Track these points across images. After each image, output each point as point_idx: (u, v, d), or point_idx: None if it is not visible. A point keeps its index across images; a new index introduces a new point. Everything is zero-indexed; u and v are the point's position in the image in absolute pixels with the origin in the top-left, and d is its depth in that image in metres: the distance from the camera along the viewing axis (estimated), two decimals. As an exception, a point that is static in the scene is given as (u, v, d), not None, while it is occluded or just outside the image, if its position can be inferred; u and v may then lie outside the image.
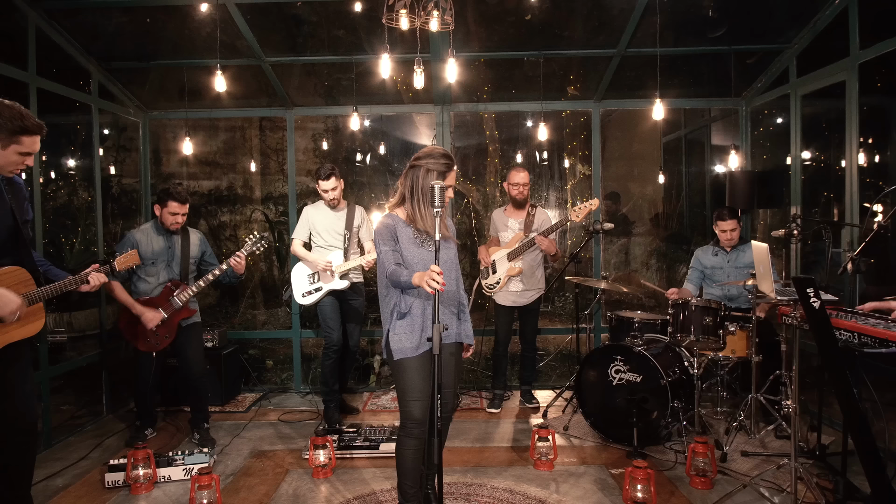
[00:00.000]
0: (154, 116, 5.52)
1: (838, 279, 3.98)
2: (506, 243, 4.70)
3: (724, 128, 6.21)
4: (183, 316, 4.05)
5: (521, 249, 4.55)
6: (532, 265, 4.65)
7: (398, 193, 2.78)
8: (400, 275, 2.58)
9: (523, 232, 4.62)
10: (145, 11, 4.46)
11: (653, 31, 4.42)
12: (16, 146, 2.59)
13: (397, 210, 2.79)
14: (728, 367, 4.34)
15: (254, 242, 4.10)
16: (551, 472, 3.59)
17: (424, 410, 2.68)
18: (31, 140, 2.63)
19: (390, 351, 2.69)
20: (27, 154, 2.65)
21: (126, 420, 4.65)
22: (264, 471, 3.70)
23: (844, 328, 2.52)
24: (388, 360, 2.74)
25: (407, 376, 2.68)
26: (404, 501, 2.76)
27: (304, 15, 4.63)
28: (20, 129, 2.58)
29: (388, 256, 2.67)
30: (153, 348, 4.00)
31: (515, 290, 4.65)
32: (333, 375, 4.45)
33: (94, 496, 3.39)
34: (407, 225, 2.73)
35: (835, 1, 4.16)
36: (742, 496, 3.20)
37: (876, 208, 3.68)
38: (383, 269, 2.68)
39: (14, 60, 3.94)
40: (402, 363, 2.68)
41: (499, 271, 4.65)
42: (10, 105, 2.58)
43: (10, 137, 2.57)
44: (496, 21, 4.65)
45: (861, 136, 4.09)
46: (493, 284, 4.68)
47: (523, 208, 4.71)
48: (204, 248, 4.26)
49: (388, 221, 2.74)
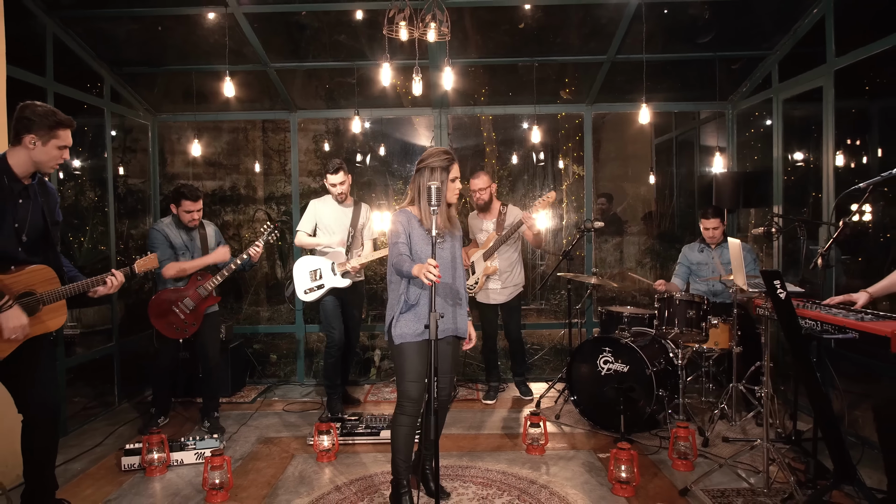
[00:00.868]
0: (163, 119, 5.73)
1: (818, 274, 4.19)
2: (482, 244, 4.91)
3: (715, 130, 6.42)
4: (209, 303, 4.27)
5: (496, 246, 4.75)
6: (508, 263, 4.84)
7: (409, 196, 3.02)
8: (403, 264, 2.82)
9: (496, 232, 4.82)
10: (156, 19, 4.68)
11: (642, 38, 4.64)
12: (55, 140, 2.81)
13: (411, 207, 3.02)
14: (712, 358, 4.55)
15: (269, 232, 4.36)
16: (542, 456, 3.80)
17: (420, 391, 2.91)
18: (66, 133, 2.85)
19: (392, 335, 2.91)
20: (64, 147, 2.86)
21: (138, 410, 4.86)
22: (271, 455, 3.91)
23: (809, 317, 2.73)
24: (389, 343, 2.95)
25: (406, 359, 2.90)
26: (397, 475, 2.97)
27: (308, 22, 4.84)
28: (56, 123, 2.80)
29: (396, 247, 2.90)
30: (180, 335, 4.21)
31: (494, 289, 4.85)
32: (336, 371, 4.65)
33: (111, 478, 3.60)
34: (419, 221, 2.97)
35: (813, 10, 4.38)
36: (719, 476, 3.42)
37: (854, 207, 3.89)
38: (392, 255, 2.91)
39: (32, 66, 4.15)
40: (402, 347, 2.90)
41: (477, 272, 4.86)
42: (40, 105, 2.80)
43: (48, 133, 2.78)
44: (492, 29, 4.86)
45: (844, 139, 4.31)
46: (472, 285, 4.88)
47: (489, 210, 4.89)
48: (219, 239, 4.48)
49: (402, 216, 2.98)
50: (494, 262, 4.79)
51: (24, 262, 2.85)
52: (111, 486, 3.50)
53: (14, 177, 2.80)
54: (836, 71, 4.18)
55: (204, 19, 4.52)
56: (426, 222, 2.91)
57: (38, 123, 2.76)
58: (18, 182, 2.82)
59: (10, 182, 2.78)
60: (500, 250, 4.80)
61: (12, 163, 2.78)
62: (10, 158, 2.78)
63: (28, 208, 2.87)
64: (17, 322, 2.73)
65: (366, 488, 3.37)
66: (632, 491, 3.25)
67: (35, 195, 2.90)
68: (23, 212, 2.85)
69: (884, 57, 3.78)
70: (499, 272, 4.81)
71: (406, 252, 2.90)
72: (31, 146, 2.77)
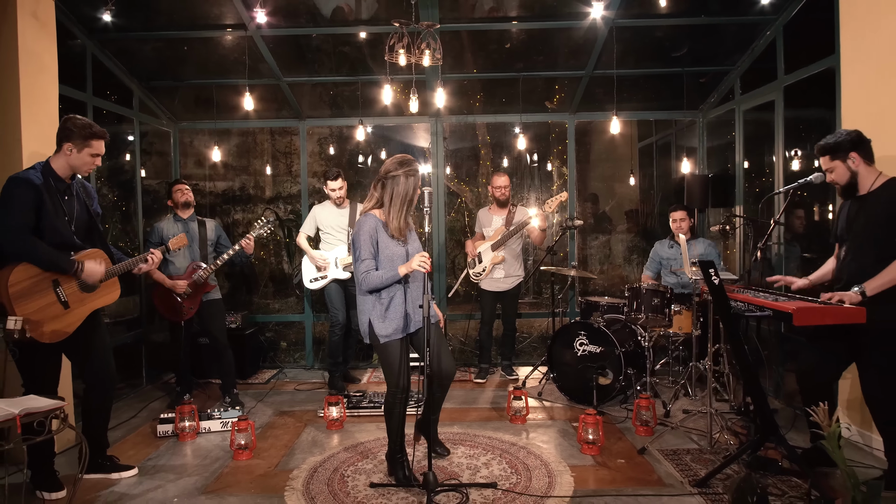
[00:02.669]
0: (183, 126, 6.28)
1: (756, 266, 4.74)
2: (490, 237, 5.47)
3: (691, 135, 6.98)
4: (205, 290, 4.80)
5: (504, 240, 5.34)
6: (513, 255, 5.42)
7: (375, 199, 3.33)
8: (383, 277, 3.20)
9: (505, 226, 5.39)
10: (182, 40, 5.23)
11: (618, 55, 5.19)
12: (88, 149, 3.32)
13: (375, 211, 3.35)
14: (678, 342, 5.10)
15: (261, 226, 4.82)
16: (524, 425, 4.36)
17: (407, 379, 3.38)
18: (98, 143, 3.35)
19: (375, 336, 3.31)
20: (96, 155, 3.38)
21: (163, 390, 5.42)
22: (286, 425, 4.46)
23: (738, 299, 3.28)
24: (373, 343, 3.37)
25: (391, 354, 3.33)
26: (394, 446, 3.46)
27: (317, 43, 5.40)
28: (90, 135, 3.30)
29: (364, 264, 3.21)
30: (181, 318, 4.74)
31: (499, 277, 5.42)
32: (339, 349, 5.27)
33: (148, 442, 4.16)
34: (384, 224, 3.33)
35: (766, 32, 4.92)
36: (674, 439, 3.98)
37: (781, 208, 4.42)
38: (359, 276, 3.22)
39: (75, 83, 4.70)
40: (387, 345, 3.33)
41: (484, 261, 5.43)
42: (80, 118, 3.34)
43: (83, 142, 3.29)
44: (482, 48, 5.44)
45: (792, 146, 4.85)
46: (480, 272, 5.45)
47: (505, 207, 5.48)
48: (219, 232, 5.00)
49: (371, 225, 3.26)
50: (501, 252, 5.36)
51: (79, 249, 3.39)
52: (149, 448, 4.05)
53: (58, 177, 3.33)
54: (786, 87, 4.73)
55: (224, 40, 5.07)
56: (391, 224, 3.29)
57: (76, 134, 3.27)
58: (62, 182, 3.35)
59: (55, 182, 3.32)
60: (507, 243, 5.37)
61: (55, 166, 3.30)
62: (53, 163, 3.31)
63: (73, 204, 3.41)
64: (97, 271, 3.32)
65: (368, 450, 3.92)
66: (597, 450, 3.80)
67: (76, 192, 3.44)
68: (69, 206, 3.38)
69: (821, 76, 4.32)
70: (505, 262, 5.37)
71: (372, 268, 3.22)
72: (69, 153, 3.29)
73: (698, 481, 3.27)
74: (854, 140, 3.07)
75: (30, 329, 3.05)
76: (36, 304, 3.14)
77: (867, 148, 3.10)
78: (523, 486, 3.33)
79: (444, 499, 3.18)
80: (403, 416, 3.46)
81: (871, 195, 3.04)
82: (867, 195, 3.07)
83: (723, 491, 3.19)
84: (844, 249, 3.17)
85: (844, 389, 3.86)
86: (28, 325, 3.04)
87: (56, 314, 3.21)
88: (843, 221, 3.20)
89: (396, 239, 3.34)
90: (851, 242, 3.11)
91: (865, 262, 2.98)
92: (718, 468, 3.29)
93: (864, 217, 3.04)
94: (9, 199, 3.12)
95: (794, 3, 4.56)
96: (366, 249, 3.25)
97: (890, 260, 2.89)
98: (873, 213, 3.01)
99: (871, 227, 3.00)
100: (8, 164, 3.71)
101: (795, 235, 5.03)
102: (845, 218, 3.19)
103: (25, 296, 3.11)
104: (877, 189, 3.03)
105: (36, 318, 3.11)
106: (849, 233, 3.13)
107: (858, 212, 3.08)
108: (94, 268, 3.31)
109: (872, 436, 3.62)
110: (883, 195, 3.00)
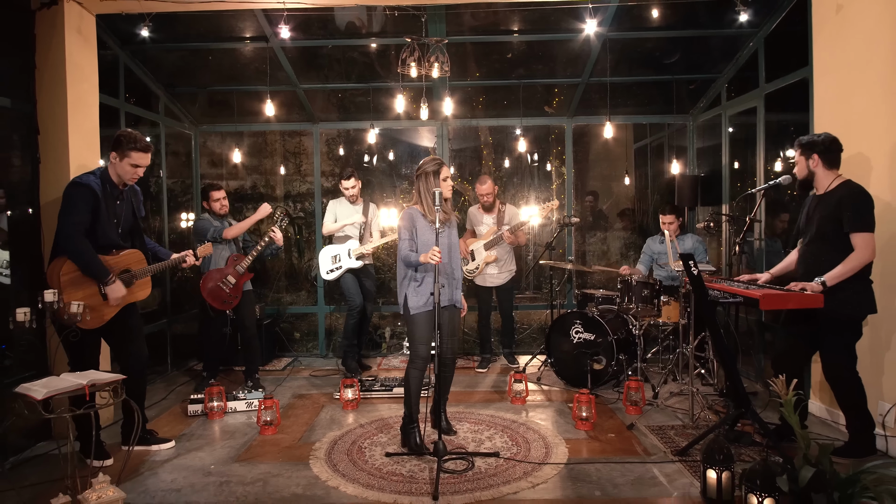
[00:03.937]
0: (204, 129, 6.67)
1: (735, 259, 5.13)
2: (482, 235, 5.85)
3: (684, 137, 7.35)
4: (245, 279, 5.20)
5: (495, 241, 5.70)
6: (505, 251, 5.79)
7: (414, 196, 3.93)
8: (410, 257, 3.75)
9: (496, 226, 5.77)
10: (207, 51, 5.62)
11: (611, 64, 5.57)
12: (128, 160, 3.68)
13: (416, 206, 3.92)
14: (668, 331, 5.49)
15: (280, 219, 5.23)
16: (523, 405, 4.75)
17: (427, 351, 3.82)
18: (138, 155, 3.69)
19: (407, 307, 3.81)
20: (137, 166, 3.74)
21: (188, 376, 5.82)
22: (305, 406, 4.86)
23: (715, 288, 3.67)
24: (404, 313, 3.86)
25: (418, 325, 3.80)
26: (409, 414, 3.87)
27: (330, 52, 5.78)
28: (131, 147, 3.66)
29: (405, 244, 3.80)
30: (227, 307, 5.12)
31: (492, 274, 5.81)
32: (354, 332, 5.70)
33: (180, 420, 4.55)
34: (422, 215, 3.86)
35: (749, 43, 5.30)
36: (660, 417, 4.37)
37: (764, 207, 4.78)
38: (401, 252, 3.81)
39: (109, 90, 5.08)
40: (415, 316, 3.80)
41: (477, 259, 5.80)
42: (130, 131, 3.71)
43: (124, 153, 3.66)
44: (486, 57, 5.82)
45: (773, 149, 5.23)
46: (473, 270, 5.83)
47: (493, 209, 5.84)
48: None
49: (410, 212, 3.85)
50: (494, 251, 5.73)
51: (121, 248, 3.79)
52: (182, 425, 4.45)
53: (113, 183, 3.73)
54: (766, 94, 5.11)
55: (245, 50, 5.46)
56: (429, 216, 3.82)
57: (122, 146, 3.65)
58: (116, 188, 3.75)
59: (111, 188, 3.71)
60: (499, 242, 5.74)
61: (110, 173, 3.71)
62: (109, 170, 3.72)
63: (123, 208, 3.81)
64: (119, 293, 3.68)
65: (382, 426, 4.31)
66: (590, 426, 4.19)
67: (128, 197, 3.84)
68: (119, 210, 3.79)
69: (798, 85, 4.70)
70: (497, 260, 5.75)
71: (412, 249, 3.78)
72: (113, 161, 3.68)
73: (679, 451, 3.66)
74: (824, 145, 3.45)
75: (85, 314, 3.46)
76: (82, 292, 3.57)
77: (834, 155, 3.48)
78: (523, 455, 3.73)
79: (453, 465, 3.58)
80: (419, 385, 3.86)
81: (827, 194, 3.44)
82: (824, 194, 3.46)
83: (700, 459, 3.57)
84: (804, 242, 3.57)
85: (817, 371, 4.24)
86: (86, 309, 3.44)
87: (96, 304, 3.63)
88: (804, 217, 3.59)
89: (433, 227, 3.73)
90: (809, 236, 3.50)
91: (821, 254, 3.37)
92: (697, 439, 3.68)
93: (819, 213, 3.43)
94: (72, 201, 3.52)
95: (773, 18, 4.94)
96: (405, 233, 3.80)
97: (843, 252, 3.28)
98: (827, 210, 3.40)
99: (824, 223, 3.40)
100: (57, 169, 4.11)
101: (776, 232, 5.42)
102: (805, 214, 3.58)
103: (74, 284, 3.54)
104: (833, 189, 3.43)
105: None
106: (807, 227, 3.52)
107: (816, 208, 3.48)
108: (117, 289, 3.66)
109: (839, 413, 4.00)
110: (836, 194, 3.39)
